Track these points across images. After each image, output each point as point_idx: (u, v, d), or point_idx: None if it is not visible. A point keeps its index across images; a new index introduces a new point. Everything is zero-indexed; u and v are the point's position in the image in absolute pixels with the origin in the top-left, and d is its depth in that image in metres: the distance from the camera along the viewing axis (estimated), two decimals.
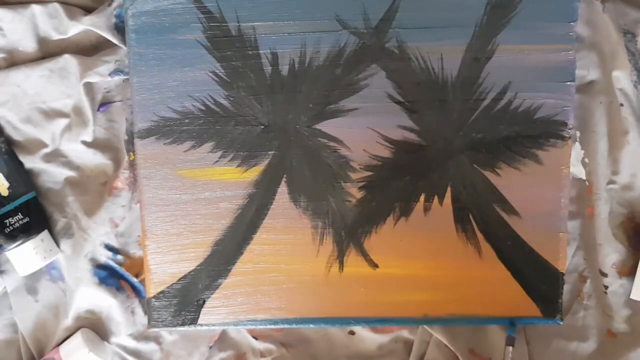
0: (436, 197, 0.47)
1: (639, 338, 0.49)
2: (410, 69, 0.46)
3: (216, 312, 0.49)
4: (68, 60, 0.48)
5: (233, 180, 0.48)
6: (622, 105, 0.47)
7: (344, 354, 0.52)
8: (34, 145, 0.50)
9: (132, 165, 0.50)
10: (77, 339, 0.50)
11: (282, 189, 0.48)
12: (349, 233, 0.48)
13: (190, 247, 0.48)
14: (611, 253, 0.49)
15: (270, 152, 0.48)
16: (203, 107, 0.47)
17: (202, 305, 0.49)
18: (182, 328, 0.50)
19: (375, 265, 0.48)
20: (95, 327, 0.52)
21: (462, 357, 0.49)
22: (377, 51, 0.46)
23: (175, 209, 0.48)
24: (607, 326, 0.49)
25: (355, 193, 0.48)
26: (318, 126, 0.47)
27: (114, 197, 0.50)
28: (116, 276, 0.51)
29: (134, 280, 0.52)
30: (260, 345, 0.52)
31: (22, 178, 0.50)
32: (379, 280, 0.48)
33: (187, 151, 0.48)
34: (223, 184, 0.48)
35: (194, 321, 0.49)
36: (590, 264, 0.50)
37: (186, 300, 0.49)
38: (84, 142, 0.50)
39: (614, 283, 0.49)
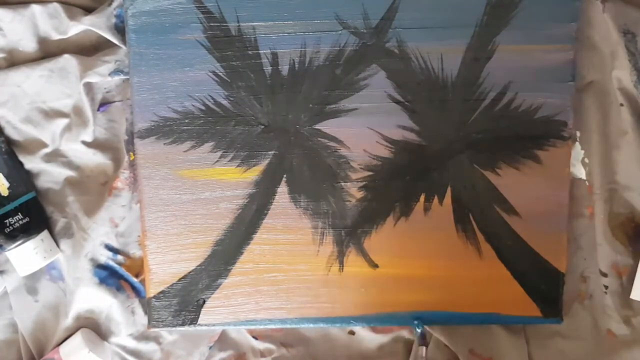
0: (436, 197, 0.48)
1: (638, 338, 0.49)
2: (410, 69, 0.46)
3: (216, 312, 0.49)
4: (68, 60, 0.48)
5: (233, 180, 0.48)
6: (622, 105, 0.47)
7: (344, 354, 0.52)
8: (34, 145, 0.50)
9: (132, 165, 0.50)
10: (77, 339, 0.50)
11: (282, 189, 0.48)
12: (349, 233, 0.48)
13: (190, 247, 0.48)
14: (611, 253, 0.49)
15: (270, 152, 0.48)
16: (203, 107, 0.47)
17: (202, 305, 0.49)
18: (182, 328, 0.50)
19: (375, 265, 0.48)
20: (95, 327, 0.52)
21: (462, 357, 0.49)
22: (377, 51, 0.46)
23: (175, 209, 0.48)
24: (607, 326, 0.49)
25: (355, 193, 0.48)
26: (318, 126, 0.47)
27: (114, 197, 0.50)
28: (116, 276, 0.51)
29: (134, 280, 0.52)
30: (260, 345, 0.52)
31: (22, 178, 0.50)
32: (379, 280, 0.48)
33: (187, 151, 0.48)
34: (223, 184, 0.48)
35: (194, 321, 0.49)
36: (590, 264, 0.50)
37: (186, 300, 0.49)
38: (84, 142, 0.50)
39: (614, 283, 0.49)
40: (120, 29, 0.49)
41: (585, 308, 0.50)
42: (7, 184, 0.49)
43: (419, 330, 0.48)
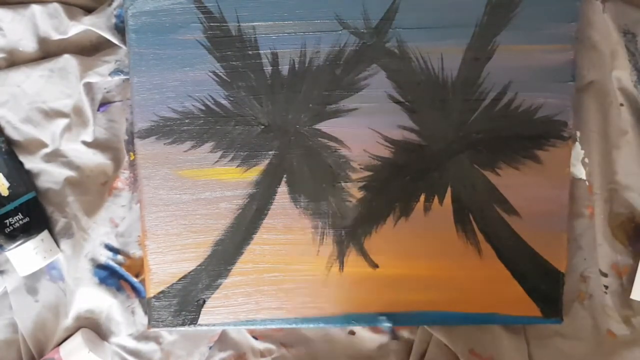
0: (436, 197, 0.48)
1: (638, 338, 0.49)
2: (410, 69, 0.46)
3: (216, 312, 0.49)
4: (68, 60, 0.48)
5: (233, 180, 0.48)
6: (622, 105, 0.47)
7: (344, 354, 0.52)
8: (34, 145, 0.50)
9: (132, 165, 0.50)
10: (77, 339, 0.50)
11: (282, 189, 0.48)
12: (349, 233, 0.48)
13: (190, 247, 0.48)
14: (611, 253, 0.49)
15: (270, 152, 0.48)
16: (203, 107, 0.47)
17: (202, 305, 0.49)
18: (182, 328, 0.50)
19: (375, 265, 0.48)
20: (95, 327, 0.52)
21: (462, 357, 0.49)
22: (377, 51, 0.46)
23: (175, 209, 0.48)
24: (607, 326, 0.49)
25: (355, 193, 0.48)
26: (318, 126, 0.47)
27: (114, 197, 0.50)
28: (116, 276, 0.51)
29: (134, 280, 0.52)
30: (260, 345, 0.52)
31: (22, 178, 0.50)
32: (379, 280, 0.48)
33: (187, 151, 0.48)
34: (223, 184, 0.48)
35: (194, 321, 0.49)
36: (590, 264, 0.50)
37: (186, 300, 0.49)
38: (84, 142, 0.50)
39: (614, 283, 0.49)
40: (120, 29, 0.49)
41: (585, 308, 0.50)
42: (7, 184, 0.49)
43: (389, 325, 0.49)
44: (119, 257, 0.51)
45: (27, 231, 0.49)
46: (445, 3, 0.46)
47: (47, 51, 0.50)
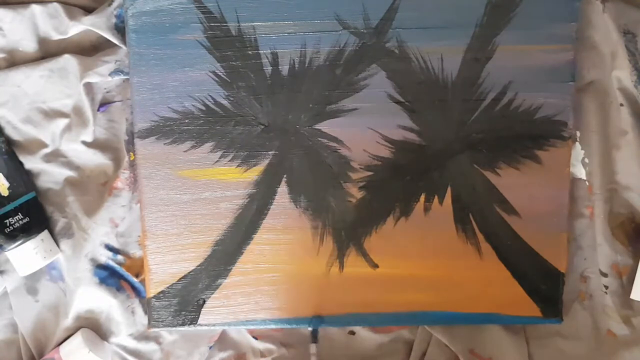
0: (436, 197, 0.48)
1: (638, 338, 0.49)
2: (411, 69, 0.46)
3: (216, 312, 0.49)
4: (68, 60, 0.48)
5: (233, 180, 0.48)
6: (622, 105, 0.47)
7: (344, 354, 0.52)
8: (34, 145, 0.50)
9: (132, 165, 0.50)
10: (77, 339, 0.50)
11: (282, 189, 0.48)
12: (349, 233, 0.48)
13: (190, 247, 0.48)
14: (611, 253, 0.49)
15: (270, 152, 0.48)
16: (203, 107, 0.47)
17: (202, 305, 0.49)
18: (182, 328, 0.50)
19: (375, 265, 0.48)
20: (95, 327, 0.52)
21: (462, 357, 0.49)
22: (377, 51, 0.46)
23: (175, 209, 0.48)
24: (607, 326, 0.49)
25: (355, 193, 0.48)
26: (318, 126, 0.47)
27: (114, 197, 0.50)
28: (116, 276, 0.51)
29: (134, 280, 0.52)
30: (260, 345, 0.52)
31: (22, 178, 0.50)
32: (379, 280, 0.48)
33: (187, 151, 0.48)
34: (223, 184, 0.48)
35: (194, 321, 0.49)
36: (590, 264, 0.50)
37: (186, 300, 0.49)
38: (84, 142, 0.50)
39: (614, 283, 0.49)
40: (120, 29, 0.49)
41: (585, 308, 0.50)
42: (7, 184, 0.49)
43: (309, 329, 0.50)
44: (119, 257, 0.51)
45: (27, 231, 0.49)
46: (445, 3, 0.46)
47: (47, 51, 0.50)
